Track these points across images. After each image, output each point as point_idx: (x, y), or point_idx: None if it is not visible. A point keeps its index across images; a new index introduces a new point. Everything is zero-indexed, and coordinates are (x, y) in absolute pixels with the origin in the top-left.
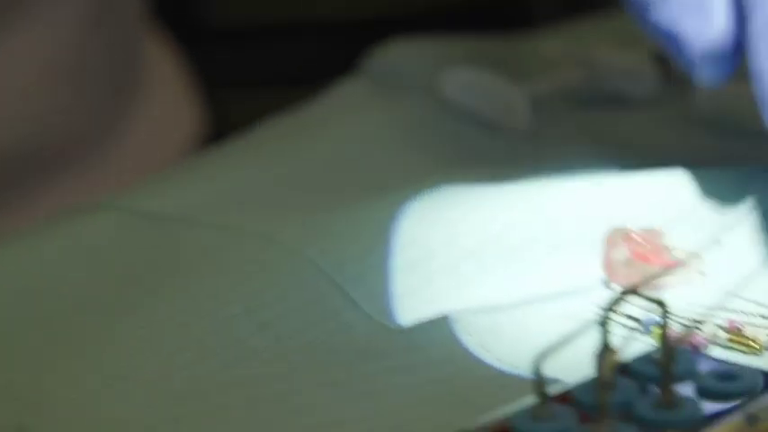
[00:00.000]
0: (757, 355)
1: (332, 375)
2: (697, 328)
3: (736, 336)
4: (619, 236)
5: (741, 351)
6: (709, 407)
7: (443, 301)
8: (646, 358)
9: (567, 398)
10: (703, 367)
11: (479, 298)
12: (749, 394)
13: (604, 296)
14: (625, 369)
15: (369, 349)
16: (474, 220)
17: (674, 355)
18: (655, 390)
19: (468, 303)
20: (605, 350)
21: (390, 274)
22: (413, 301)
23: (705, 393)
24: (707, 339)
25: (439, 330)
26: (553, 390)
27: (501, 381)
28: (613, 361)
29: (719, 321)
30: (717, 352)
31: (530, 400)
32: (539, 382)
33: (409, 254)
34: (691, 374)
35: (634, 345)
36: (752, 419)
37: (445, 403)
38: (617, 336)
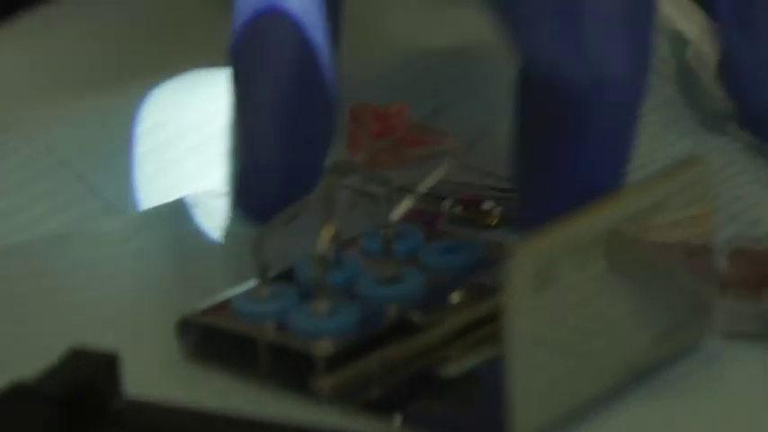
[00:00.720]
0: (492, 228)
1: (73, 260)
2: (429, 202)
3: (472, 210)
4: (363, 110)
5: (476, 225)
6: (433, 281)
7: (190, 184)
8: (372, 234)
9: (289, 276)
10: (430, 242)
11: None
12: (473, 267)
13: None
14: (352, 244)
15: (110, 236)
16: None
17: (396, 230)
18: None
19: (213, 185)
20: (323, 225)
21: (134, 160)
22: (158, 185)
23: (428, 268)
24: (441, 214)
25: (178, 214)
26: (274, 268)
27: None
28: (330, 235)
29: (457, 196)
30: (449, 226)
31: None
32: (258, 262)
33: (156, 138)
34: (415, 249)
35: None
36: (475, 290)
37: (179, 285)
38: (342, 210)
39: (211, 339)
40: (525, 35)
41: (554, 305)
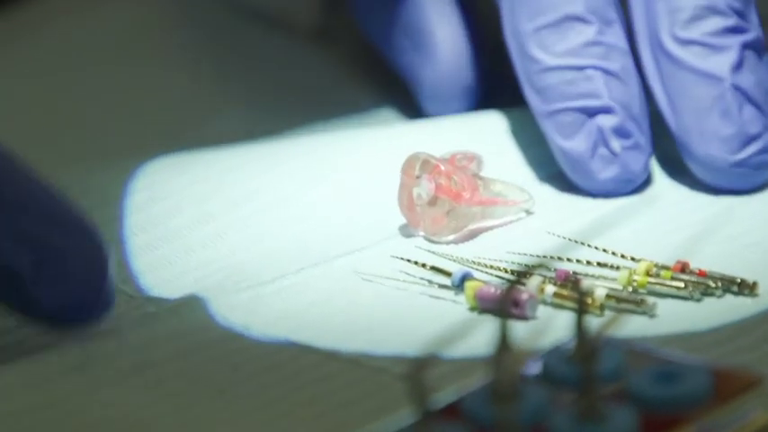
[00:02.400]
0: (594, 314)
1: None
2: (519, 281)
3: (568, 290)
4: (416, 162)
5: (572, 309)
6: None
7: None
8: (556, 353)
9: (455, 411)
10: (636, 365)
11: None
12: (697, 399)
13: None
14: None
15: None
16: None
17: (596, 350)
18: (572, 396)
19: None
20: (502, 348)
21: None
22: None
23: (641, 400)
24: (530, 294)
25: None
26: (437, 402)
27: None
28: (516, 364)
29: (548, 272)
30: (542, 311)
31: (406, 415)
32: (419, 394)
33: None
34: (618, 374)
35: (446, 307)
36: None
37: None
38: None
39: None
40: None
41: None
